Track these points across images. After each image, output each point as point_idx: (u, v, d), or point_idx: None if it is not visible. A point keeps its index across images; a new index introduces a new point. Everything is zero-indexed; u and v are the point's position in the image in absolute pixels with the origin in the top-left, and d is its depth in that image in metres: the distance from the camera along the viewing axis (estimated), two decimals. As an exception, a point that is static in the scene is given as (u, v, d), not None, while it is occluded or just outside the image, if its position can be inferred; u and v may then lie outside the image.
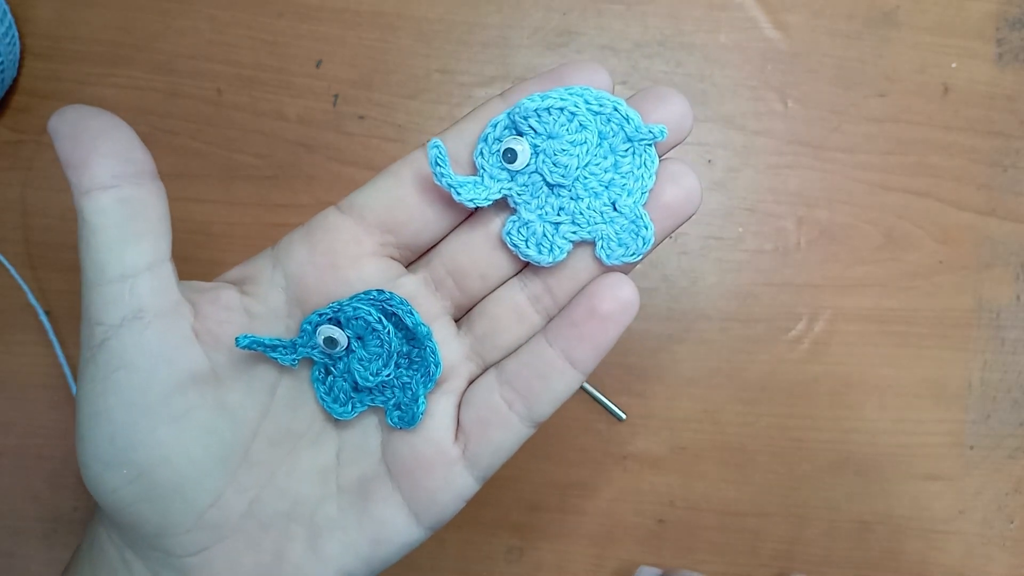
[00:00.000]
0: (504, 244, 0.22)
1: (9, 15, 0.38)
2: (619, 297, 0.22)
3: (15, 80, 0.40)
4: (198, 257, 0.39)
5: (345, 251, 0.22)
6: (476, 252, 0.23)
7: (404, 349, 0.23)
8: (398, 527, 0.23)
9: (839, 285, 0.40)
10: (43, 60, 0.40)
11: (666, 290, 0.40)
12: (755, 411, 0.40)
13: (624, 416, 0.40)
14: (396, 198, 0.22)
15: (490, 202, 0.22)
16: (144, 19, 0.40)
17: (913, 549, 0.40)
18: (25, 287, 0.39)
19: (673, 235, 0.40)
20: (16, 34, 0.39)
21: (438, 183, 0.21)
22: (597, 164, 0.22)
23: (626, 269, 0.23)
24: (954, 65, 0.41)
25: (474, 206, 0.22)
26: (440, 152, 0.21)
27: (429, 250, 0.23)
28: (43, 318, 0.39)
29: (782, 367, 0.40)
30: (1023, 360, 0.40)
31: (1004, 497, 0.40)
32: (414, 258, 0.24)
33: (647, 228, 0.21)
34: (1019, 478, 0.40)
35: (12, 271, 0.39)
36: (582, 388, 0.40)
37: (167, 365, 0.21)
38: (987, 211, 0.41)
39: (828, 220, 0.41)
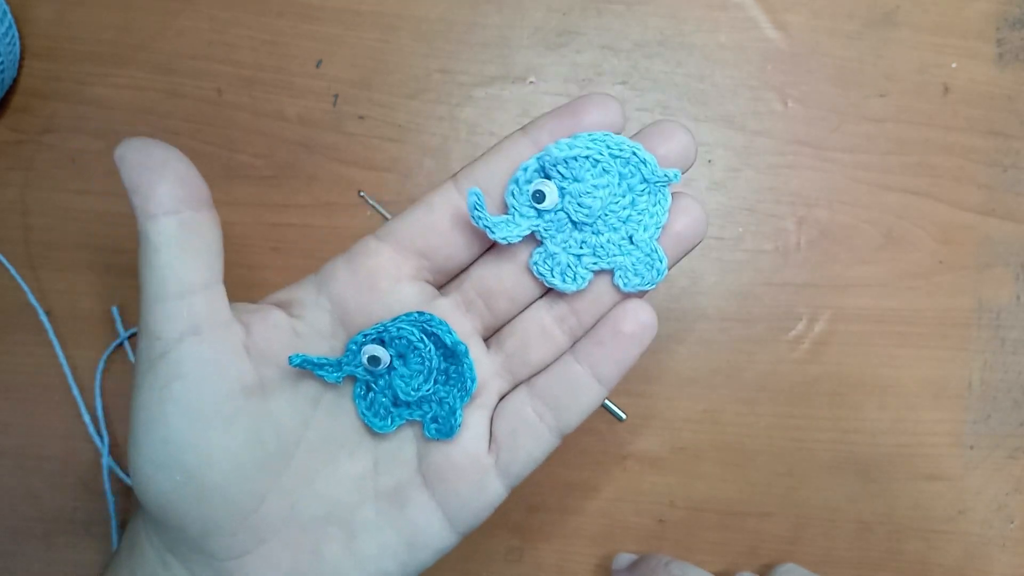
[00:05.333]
0: (530, 270, 0.24)
1: (9, 15, 0.38)
2: (640, 320, 0.24)
3: (15, 80, 0.40)
4: (198, 257, 0.39)
5: (384, 275, 0.24)
6: (505, 277, 0.25)
7: (442, 366, 0.24)
8: (433, 532, 0.24)
9: (839, 285, 0.40)
10: (43, 60, 0.40)
11: (666, 290, 0.40)
12: (755, 411, 0.40)
13: (624, 416, 0.40)
14: (430, 226, 0.24)
15: (521, 239, 0.24)
16: (144, 19, 0.40)
17: (913, 549, 0.40)
18: (25, 287, 0.39)
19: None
20: (16, 34, 0.39)
21: (475, 224, 0.23)
22: (617, 202, 0.24)
23: (641, 294, 0.25)
24: (954, 65, 0.41)
25: (507, 243, 0.24)
26: (479, 199, 0.23)
27: (461, 273, 0.25)
28: (43, 318, 0.39)
29: (782, 367, 0.40)
30: (1023, 360, 0.40)
31: (1004, 497, 0.40)
32: (445, 281, 0.26)
33: (661, 261, 0.24)
34: (1019, 478, 0.40)
35: (12, 271, 0.39)
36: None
37: (221, 377, 0.22)
38: (987, 211, 0.41)
39: (828, 220, 0.41)
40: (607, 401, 0.40)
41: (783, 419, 0.40)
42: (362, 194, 0.40)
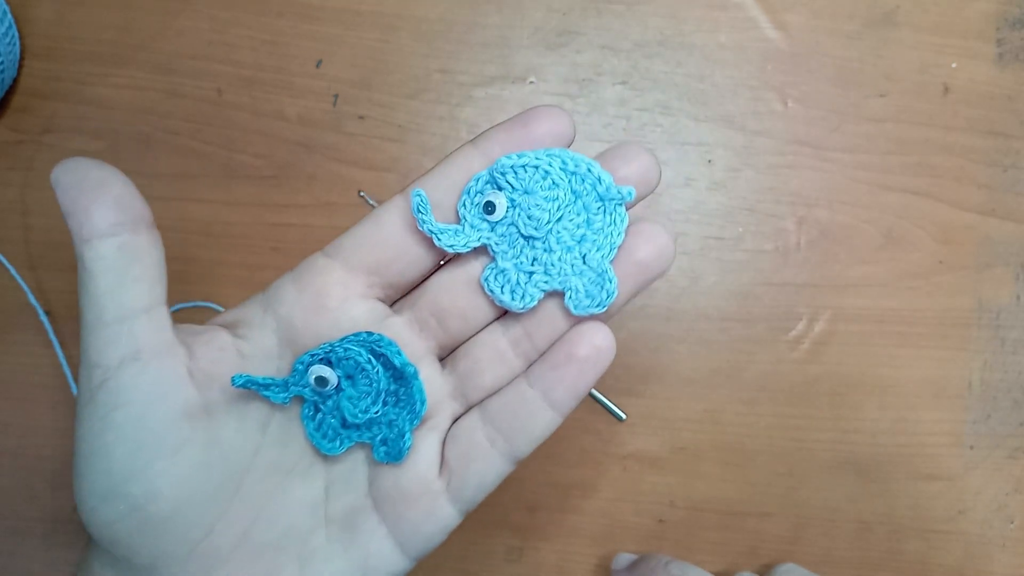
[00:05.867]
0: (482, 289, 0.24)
1: (9, 15, 0.38)
2: (595, 343, 0.23)
3: (15, 80, 0.40)
4: (198, 257, 0.39)
5: (333, 294, 0.23)
6: (458, 295, 0.24)
7: (391, 387, 0.24)
8: (384, 557, 0.24)
9: (839, 285, 0.40)
10: (43, 60, 0.40)
11: (666, 290, 0.40)
12: (755, 411, 0.40)
13: (624, 416, 0.40)
14: (380, 241, 0.23)
15: (469, 249, 0.23)
16: (144, 19, 0.40)
17: (913, 549, 0.40)
18: (25, 287, 0.39)
19: (673, 235, 0.40)
20: (16, 34, 0.39)
21: (420, 229, 0.23)
22: (571, 220, 0.23)
23: (601, 319, 0.24)
24: (954, 65, 0.41)
25: (454, 252, 0.23)
26: (422, 200, 0.22)
27: (414, 290, 0.25)
28: (43, 318, 0.39)
29: (782, 367, 0.40)
30: (1023, 360, 0.40)
31: (1004, 497, 0.40)
32: (398, 297, 0.25)
33: (611, 282, 0.23)
34: (1019, 478, 0.40)
35: (12, 271, 0.39)
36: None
37: (163, 404, 0.22)
38: (987, 211, 0.41)
39: (828, 220, 0.41)
40: (607, 401, 0.40)
41: (783, 419, 0.40)
42: (362, 194, 0.40)
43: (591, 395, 0.40)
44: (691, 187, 0.41)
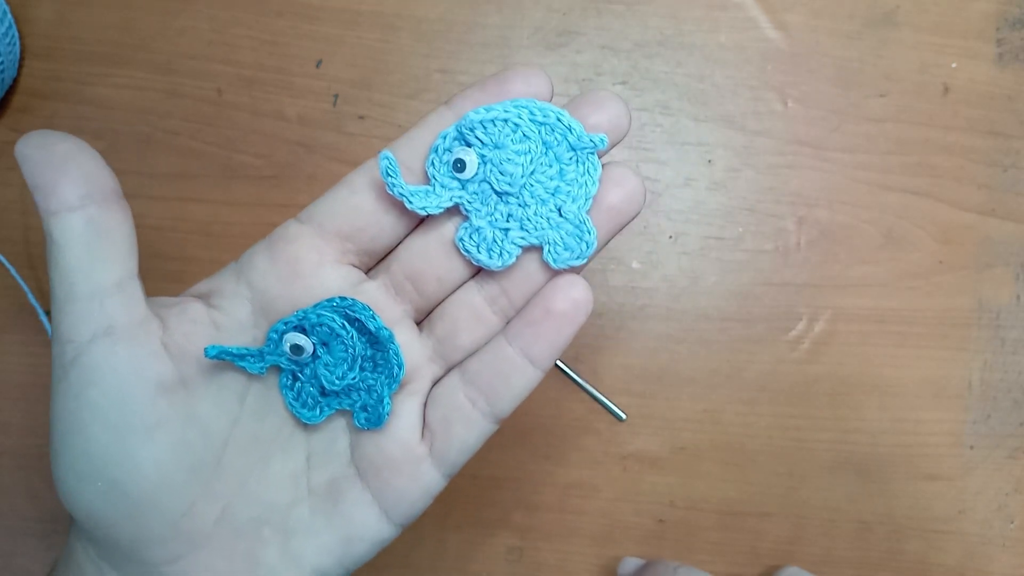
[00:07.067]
0: (458, 249, 0.23)
1: (9, 15, 0.38)
2: (572, 296, 0.23)
3: (15, 80, 0.40)
4: (198, 257, 0.39)
5: (306, 260, 0.23)
6: (432, 257, 0.24)
7: (368, 353, 0.23)
8: (369, 525, 0.24)
9: (839, 285, 0.40)
10: (43, 60, 0.40)
11: (666, 290, 0.40)
12: (755, 411, 0.40)
13: (624, 416, 0.40)
14: (352, 207, 0.23)
15: (441, 210, 0.23)
16: (144, 19, 0.40)
17: (913, 549, 0.40)
18: (25, 287, 0.39)
19: (673, 235, 0.40)
20: (16, 34, 0.39)
21: (390, 193, 0.22)
22: (543, 172, 0.23)
23: (576, 271, 0.23)
24: (954, 65, 0.41)
25: (426, 213, 0.22)
26: (391, 163, 0.22)
27: (388, 255, 0.24)
28: (43, 318, 0.39)
29: (782, 367, 0.40)
30: (1023, 360, 0.40)
31: (1004, 497, 0.40)
32: (373, 263, 0.24)
33: (590, 232, 0.22)
34: (1019, 478, 0.40)
35: (12, 271, 0.39)
36: (582, 388, 0.40)
37: (137, 379, 0.21)
38: (987, 211, 0.41)
39: (828, 220, 0.41)
40: (607, 401, 0.40)
41: (783, 419, 0.40)
42: (362, 194, 0.40)
43: (591, 395, 0.40)
44: (691, 187, 0.41)
